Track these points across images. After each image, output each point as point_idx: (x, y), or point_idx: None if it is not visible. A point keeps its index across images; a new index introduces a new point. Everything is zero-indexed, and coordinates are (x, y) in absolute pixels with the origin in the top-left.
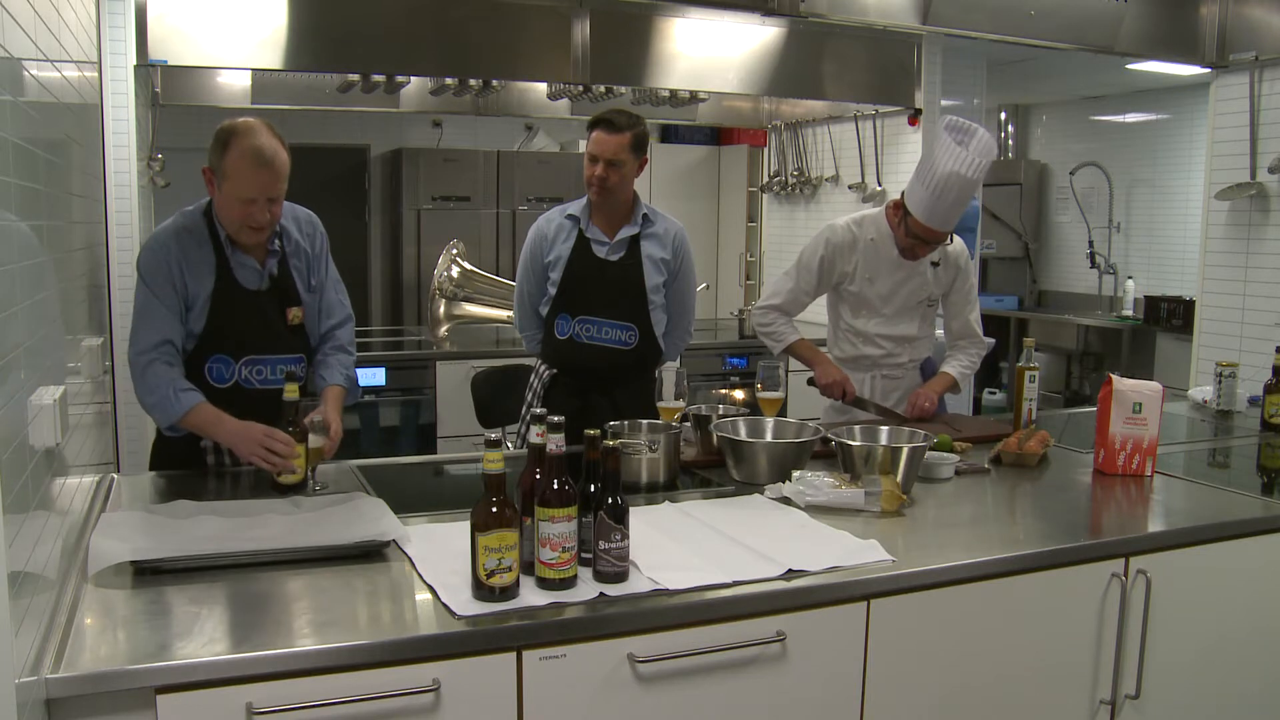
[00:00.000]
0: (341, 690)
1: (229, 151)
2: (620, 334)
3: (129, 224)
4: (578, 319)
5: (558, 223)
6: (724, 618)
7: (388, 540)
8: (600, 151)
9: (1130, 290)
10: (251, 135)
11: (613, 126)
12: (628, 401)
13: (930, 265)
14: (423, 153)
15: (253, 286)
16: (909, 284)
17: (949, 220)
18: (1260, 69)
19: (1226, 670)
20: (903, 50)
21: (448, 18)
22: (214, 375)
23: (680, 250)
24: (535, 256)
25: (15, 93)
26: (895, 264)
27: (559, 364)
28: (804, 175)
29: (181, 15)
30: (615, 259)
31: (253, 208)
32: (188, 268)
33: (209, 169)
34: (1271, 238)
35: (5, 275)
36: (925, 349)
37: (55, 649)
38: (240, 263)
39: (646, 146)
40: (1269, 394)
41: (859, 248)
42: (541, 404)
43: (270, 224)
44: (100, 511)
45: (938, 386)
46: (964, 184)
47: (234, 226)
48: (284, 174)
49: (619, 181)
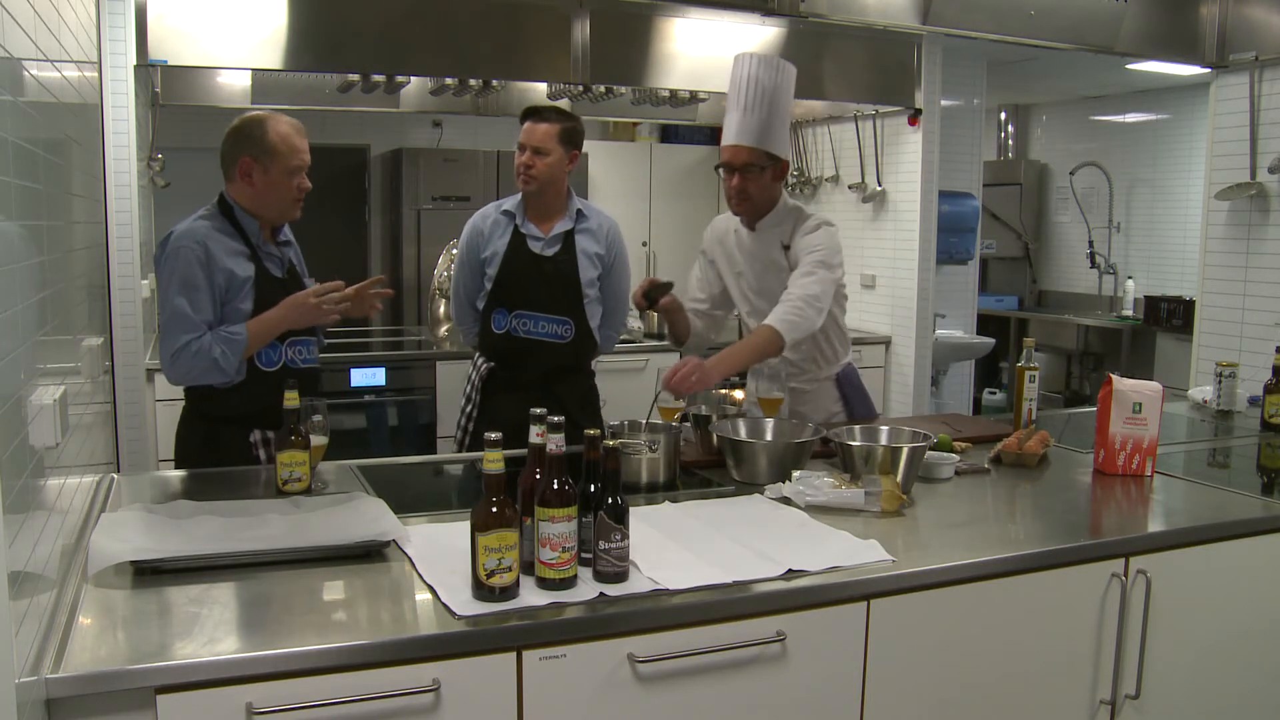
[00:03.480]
0: (341, 690)
1: (267, 133)
2: (556, 328)
3: (129, 224)
4: (514, 314)
5: (493, 218)
6: (724, 618)
7: (388, 540)
8: (527, 140)
9: (1130, 290)
10: (275, 116)
11: (540, 116)
12: (567, 395)
13: (782, 248)
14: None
15: (278, 275)
16: (769, 273)
17: (740, 132)
18: (1260, 69)
19: (1226, 670)
20: (903, 50)
21: (448, 18)
22: (263, 360)
23: (614, 244)
24: (471, 251)
25: (15, 93)
26: (751, 253)
27: (496, 357)
28: (804, 175)
29: (181, 15)
30: (550, 254)
31: (301, 176)
32: (228, 257)
33: (249, 159)
34: (1271, 238)
35: (5, 275)
36: (830, 356)
37: (55, 649)
38: (267, 253)
39: (579, 142)
40: (1269, 394)
41: (729, 240)
42: (480, 397)
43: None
44: (100, 511)
45: (734, 356)
46: (749, 85)
47: (286, 203)
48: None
49: (546, 171)
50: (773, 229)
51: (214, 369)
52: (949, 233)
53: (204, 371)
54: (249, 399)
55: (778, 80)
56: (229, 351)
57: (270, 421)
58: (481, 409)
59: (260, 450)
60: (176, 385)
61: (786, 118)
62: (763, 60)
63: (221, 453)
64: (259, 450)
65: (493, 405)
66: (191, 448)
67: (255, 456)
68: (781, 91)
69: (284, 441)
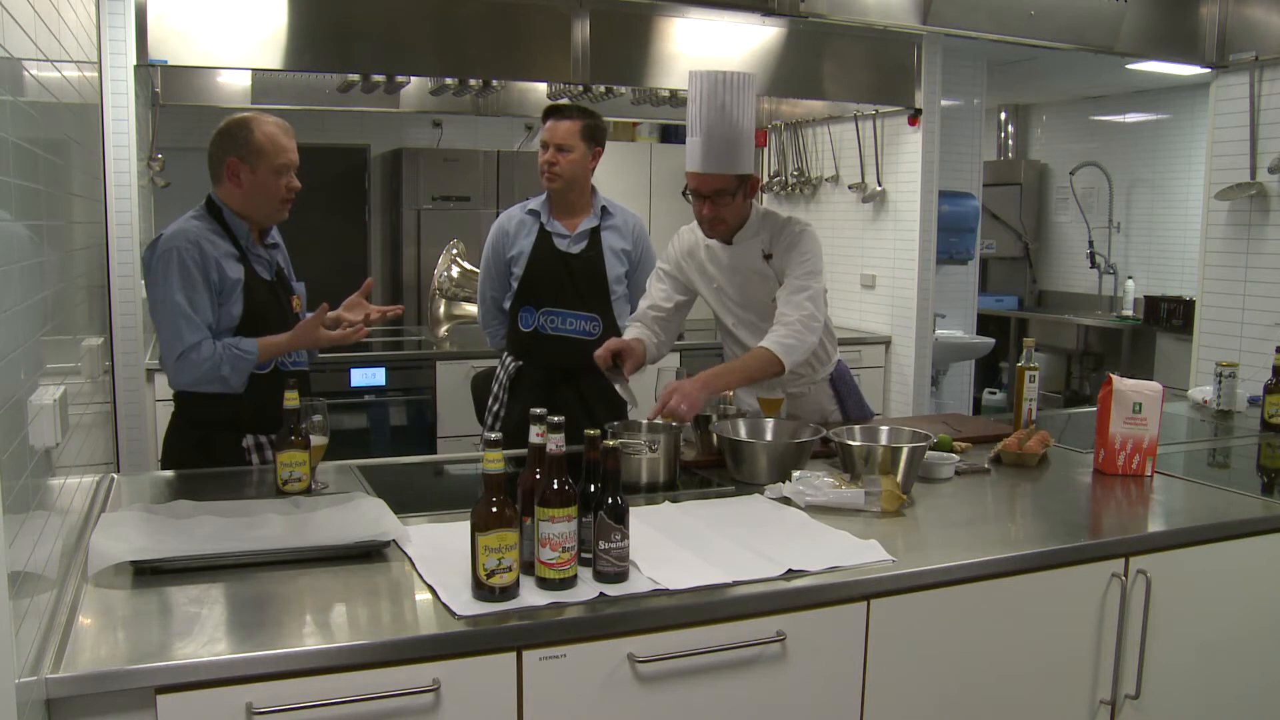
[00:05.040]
0: (341, 690)
1: (253, 134)
2: (584, 325)
3: (129, 224)
4: (542, 311)
5: (519, 219)
6: (724, 618)
7: (388, 540)
8: (550, 137)
9: (1130, 290)
10: (261, 116)
11: (563, 114)
12: (594, 393)
13: (764, 258)
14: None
15: (267, 278)
16: (750, 283)
17: (705, 159)
18: (1260, 69)
19: (1226, 670)
20: (903, 50)
21: (448, 18)
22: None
23: (640, 240)
24: (497, 253)
25: (15, 93)
26: (730, 267)
27: (524, 356)
28: (804, 175)
29: (181, 15)
30: (577, 251)
31: (289, 175)
32: (220, 259)
33: (235, 160)
34: (1271, 238)
35: (5, 275)
36: (824, 358)
37: (55, 649)
38: (256, 255)
39: (602, 139)
40: (1269, 394)
41: (699, 254)
42: (508, 395)
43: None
44: (100, 511)
45: (726, 376)
46: (709, 107)
47: (274, 204)
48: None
49: (569, 167)
50: (750, 240)
51: (218, 382)
52: (949, 233)
53: (208, 381)
54: (242, 403)
55: (739, 97)
56: (236, 370)
57: (263, 426)
58: (509, 407)
59: (254, 455)
60: (178, 388)
61: (751, 133)
62: (716, 77)
63: (215, 459)
64: (253, 456)
65: (519, 404)
66: (183, 455)
67: (249, 463)
68: (743, 108)
69: (284, 441)
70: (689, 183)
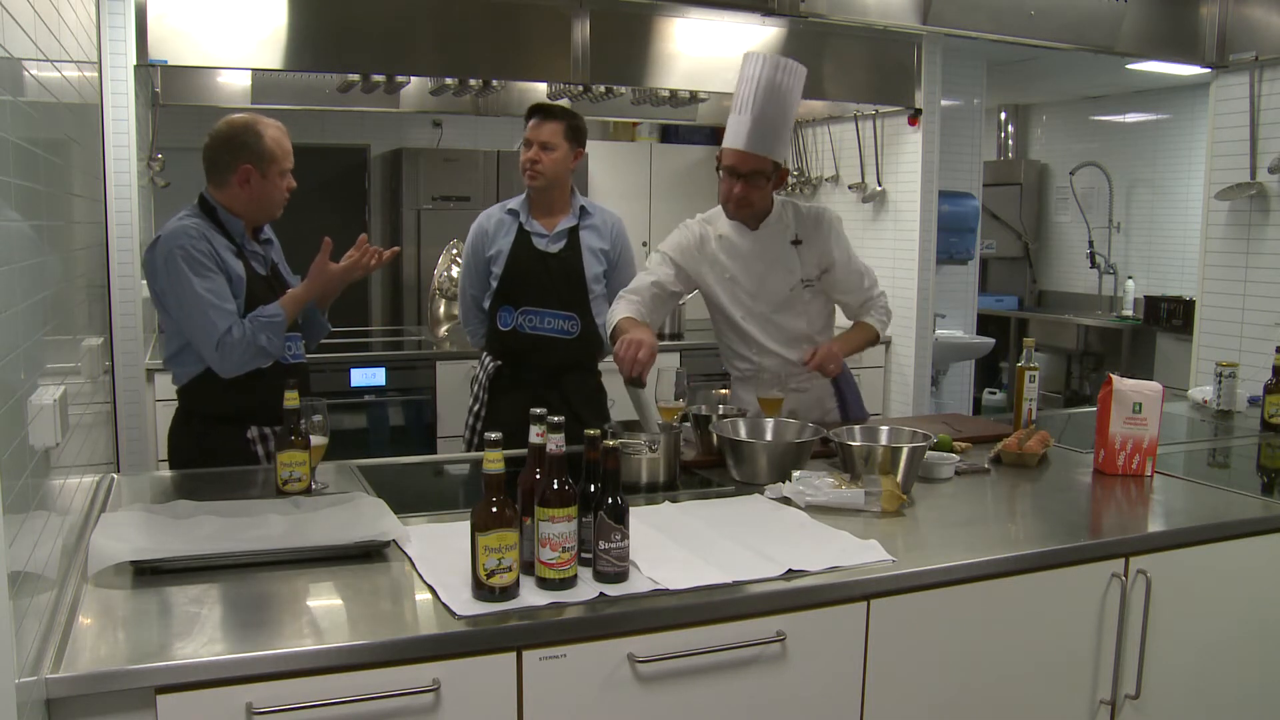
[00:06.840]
0: (341, 690)
1: (263, 139)
2: (563, 324)
3: (129, 224)
4: (520, 310)
5: (498, 218)
6: (724, 618)
7: (388, 540)
8: (534, 136)
9: (1130, 290)
10: (263, 120)
11: (546, 113)
12: (575, 391)
13: (791, 245)
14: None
15: (263, 273)
16: (772, 272)
17: (748, 138)
18: (1260, 69)
19: (1226, 670)
20: (903, 50)
21: (448, 18)
22: None
23: (619, 240)
24: (477, 252)
25: (15, 93)
26: (752, 254)
27: (503, 355)
28: (804, 175)
29: (181, 15)
30: (555, 250)
31: (289, 176)
32: (220, 253)
33: (249, 166)
34: (1271, 238)
35: (5, 275)
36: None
37: (55, 649)
38: (252, 251)
39: (583, 139)
40: (1269, 394)
41: (710, 247)
42: (488, 395)
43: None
44: (100, 511)
45: (850, 342)
46: (759, 88)
47: (276, 205)
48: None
49: (552, 166)
50: (775, 226)
51: (261, 354)
52: (949, 233)
53: (252, 358)
54: (245, 395)
55: (789, 83)
56: (273, 336)
57: (267, 417)
58: (489, 408)
59: (258, 446)
60: (228, 375)
61: (791, 122)
62: (774, 61)
63: (219, 452)
64: (257, 447)
65: (500, 404)
66: (188, 449)
67: (254, 454)
68: (791, 95)
69: (284, 442)
70: (724, 159)
